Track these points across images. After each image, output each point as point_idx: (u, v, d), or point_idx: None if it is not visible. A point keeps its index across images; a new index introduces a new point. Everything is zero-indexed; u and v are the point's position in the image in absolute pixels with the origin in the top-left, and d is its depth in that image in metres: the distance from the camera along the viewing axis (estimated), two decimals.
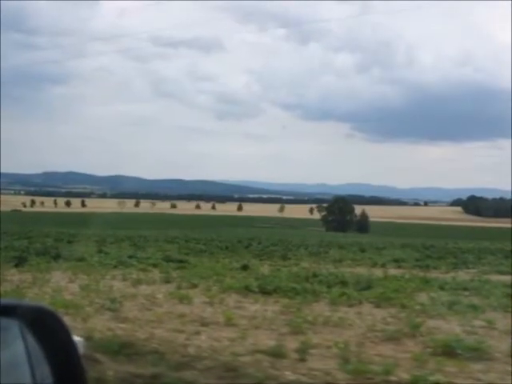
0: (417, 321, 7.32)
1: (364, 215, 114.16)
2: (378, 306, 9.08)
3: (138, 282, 11.82)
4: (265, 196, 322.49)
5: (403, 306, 8.79)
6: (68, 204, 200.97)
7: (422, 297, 10.06)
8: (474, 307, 8.57)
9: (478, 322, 7.53)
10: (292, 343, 6.25)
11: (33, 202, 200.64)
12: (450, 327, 7.31)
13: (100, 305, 8.66)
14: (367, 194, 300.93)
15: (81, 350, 1.71)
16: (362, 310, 8.74)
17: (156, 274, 13.74)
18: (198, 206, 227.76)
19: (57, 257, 17.20)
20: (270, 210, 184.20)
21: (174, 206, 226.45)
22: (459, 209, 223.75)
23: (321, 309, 8.82)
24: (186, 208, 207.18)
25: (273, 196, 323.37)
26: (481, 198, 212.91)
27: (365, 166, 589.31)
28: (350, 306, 9.17)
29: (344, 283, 11.83)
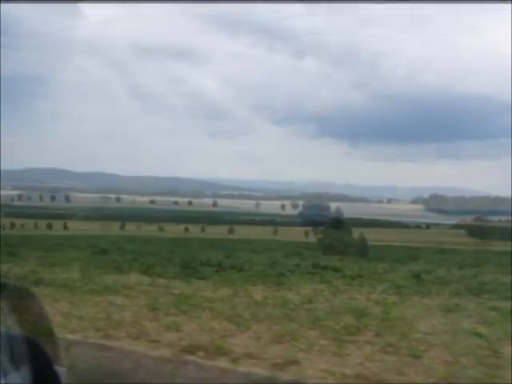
0: (417, 350, 7.01)
1: (362, 238, 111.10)
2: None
3: (123, 309, 11.37)
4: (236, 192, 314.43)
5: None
6: (49, 227, 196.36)
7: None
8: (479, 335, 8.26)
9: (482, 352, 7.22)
10: (285, 376, 5.95)
11: (12, 225, 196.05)
12: (453, 357, 7.00)
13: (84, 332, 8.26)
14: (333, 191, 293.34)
15: (63, 380, 1.68)
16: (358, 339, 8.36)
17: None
18: (186, 229, 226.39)
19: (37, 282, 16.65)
20: (264, 233, 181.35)
21: (161, 229, 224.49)
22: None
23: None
24: (174, 231, 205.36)
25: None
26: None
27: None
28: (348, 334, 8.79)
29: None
